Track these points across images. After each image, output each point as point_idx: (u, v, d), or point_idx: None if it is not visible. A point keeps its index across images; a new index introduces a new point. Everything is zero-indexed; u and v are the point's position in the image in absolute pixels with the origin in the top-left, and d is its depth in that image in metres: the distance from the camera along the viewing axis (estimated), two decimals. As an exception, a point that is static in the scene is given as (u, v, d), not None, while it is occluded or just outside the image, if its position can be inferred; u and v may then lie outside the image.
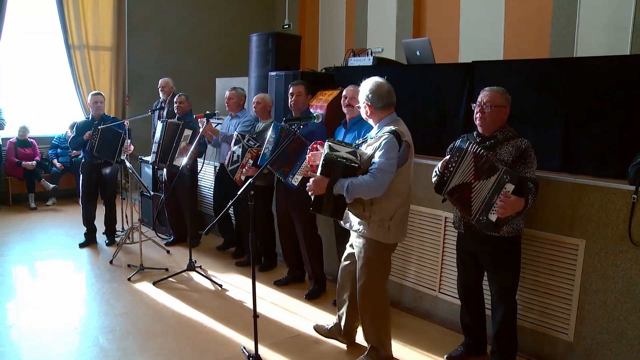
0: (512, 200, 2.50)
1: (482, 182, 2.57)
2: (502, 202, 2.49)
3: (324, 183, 2.65)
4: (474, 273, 2.98)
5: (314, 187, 2.67)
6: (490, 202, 2.55)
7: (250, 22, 8.65)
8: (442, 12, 6.58)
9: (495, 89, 2.77)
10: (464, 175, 2.64)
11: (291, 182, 3.60)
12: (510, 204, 2.49)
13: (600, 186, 2.80)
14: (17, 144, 6.93)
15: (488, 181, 2.56)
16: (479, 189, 2.59)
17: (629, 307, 2.70)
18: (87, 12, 7.36)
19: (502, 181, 2.52)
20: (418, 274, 3.75)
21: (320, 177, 2.66)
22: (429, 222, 3.63)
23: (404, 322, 3.64)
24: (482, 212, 2.58)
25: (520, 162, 2.64)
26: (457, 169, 2.64)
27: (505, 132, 2.75)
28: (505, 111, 2.76)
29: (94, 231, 5.32)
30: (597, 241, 2.81)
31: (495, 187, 2.53)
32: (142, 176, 6.09)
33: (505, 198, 2.49)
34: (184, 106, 5.21)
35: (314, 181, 2.66)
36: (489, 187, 2.56)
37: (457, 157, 2.65)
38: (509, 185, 2.49)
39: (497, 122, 2.75)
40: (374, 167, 2.64)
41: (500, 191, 2.51)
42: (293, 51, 5.29)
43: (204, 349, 3.21)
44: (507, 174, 2.51)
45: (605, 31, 5.00)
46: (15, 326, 3.48)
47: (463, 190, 2.65)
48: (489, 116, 2.74)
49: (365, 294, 2.90)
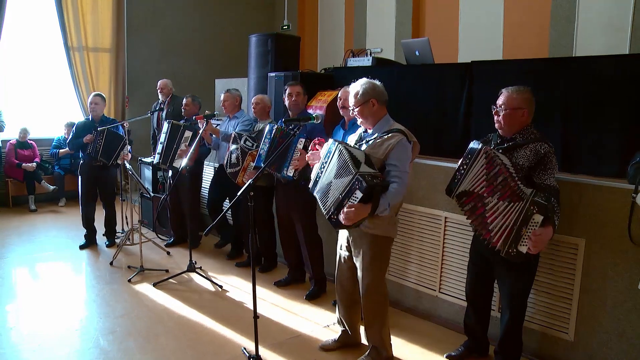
0: (543, 235, 2.43)
1: (502, 203, 2.50)
2: (533, 242, 2.43)
3: (366, 211, 2.57)
4: (485, 276, 2.92)
5: (354, 217, 2.57)
6: (519, 234, 2.48)
7: (249, 23, 8.66)
8: (441, 12, 6.59)
9: (511, 90, 2.67)
10: (475, 180, 2.57)
11: (286, 174, 3.60)
12: (541, 240, 2.43)
13: (600, 185, 2.80)
14: (17, 146, 6.94)
15: (512, 207, 2.48)
16: (496, 209, 2.52)
17: (629, 306, 2.70)
18: (86, 14, 7.37)
19: (529, 212, 2.44)
20: (418, 274, 3.75)
21: (359, 206, 2.54)
22: (429, 222, 3.63)
23: (404, 322, 3.64)
24: (510, 244, 2.50)
25: (539, 168, 2.56)
26: (468, 172, 2.59)
27: (527, 135, 2.63)
28: (522, 113, 2.63)
29: (94, 233, 5.32)
30: (597, 240, 2.81)
31: (523, 218, 2.45)
32: (142, 177, 6.09)
33: (535, 236, 2.43)
34: (190, 109, 5.20)
35: (356, 211, 2.55)
36: (514, 215, 2.47)
37: (469, 160, 2.59)
38: (537, 216, 2.42)
39: (514, 124, 2.65)
40: (396, 171, 2.65)
41: (528, 223, 2.44)
42: (292, 52, 5.29)
43: (205, 350, 3.21)
44: (535, 205, 2.43)
45: (604, 31, 5.00)
46: (15, 328, 3.48)
47: (476, 202, 2.58)
48: (503, 119, 2.65)
49: (372, 291, 2.89)
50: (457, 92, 3.86)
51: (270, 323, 3.60)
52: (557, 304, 2.98)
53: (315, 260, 4.02)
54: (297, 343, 3.33)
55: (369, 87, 2.79)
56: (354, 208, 2.55)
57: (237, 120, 4.69)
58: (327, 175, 2.69)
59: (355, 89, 2.81)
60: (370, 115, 2.80)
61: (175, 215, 5.31)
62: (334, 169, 2.64)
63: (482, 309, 3.03)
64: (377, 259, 2.84)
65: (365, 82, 2.82)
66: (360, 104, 2.78)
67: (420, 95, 4.14)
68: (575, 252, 2.89)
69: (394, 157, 2.67)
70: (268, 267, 4.64)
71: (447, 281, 3.56)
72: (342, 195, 2.59)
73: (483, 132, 3.05)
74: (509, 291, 2.74)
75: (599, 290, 2.81)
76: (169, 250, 5.16)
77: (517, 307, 2.76)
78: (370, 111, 2.78)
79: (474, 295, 3.02)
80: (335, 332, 3.32)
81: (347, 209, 2.56)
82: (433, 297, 3.66)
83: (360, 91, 2.78)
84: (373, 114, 2.79)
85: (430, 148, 3.96)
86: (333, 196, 2.64)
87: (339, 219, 2.62)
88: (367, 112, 2.79)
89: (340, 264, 3.07)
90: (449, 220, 3.50)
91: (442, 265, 3.58)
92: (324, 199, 2.70)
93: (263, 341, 3.14)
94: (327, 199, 2.68)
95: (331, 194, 2.65)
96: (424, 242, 3.69)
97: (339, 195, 2.60)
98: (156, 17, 8.17)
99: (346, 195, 2.57)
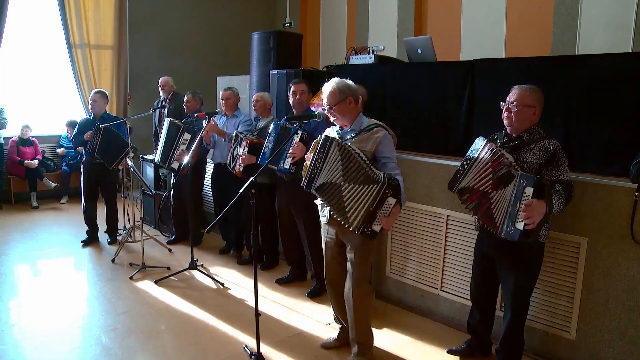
0: (534, 205, 2.40)
1: (501, 191, 2.51)
2: (525, 213, 2.41)
3: (543, 207, 2.43)
4: (489, 276, 2.91)
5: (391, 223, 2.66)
6: (514, 212, 2.47)
7: (251, 21, 8.65)
8: (444, 10, 6.58)
9: (524, 88, 2.66)
10: (478, 177, 2.57)
11: (283, 167, 3.59)
12: (532, 210, 2.40)
13: (602, 184, 2.79)
14: (19, 143, 6.95)
15: (507, 190, 2.49)
16: (499, 200, 2.52)
17: (631, 305, 2.70)
18: (88, 11, 7.38)
19: (520, 187, 2.44)
20: (420, 272, 3.75)
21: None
22: (431, 220, 3.63)
23: (406, 320, 3.64)
24: (507, 222, 2.50)
25: (550, 165, 2.55)
26: (471, 167, 2.60)
27: (533, 134, 2.63)
28: (534, 111, 2.63)
29: (96, 230, 5.33)
30: (599, 239, 2.80)
31: (515, 194, 2.46)
32: (144, 175, 6.10)
33: (526, 207, 2.41)
34: (191, 105, 5.14)
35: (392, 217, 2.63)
36: (508, 196, 2.49)
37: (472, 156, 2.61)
38: (528, 189, 2.42)
39: (524, 122, 2.64)
40: (392, 163, 2.72)
41: (521, 198, 2.43)
42: (294, 49, 5.29)
43: (206, 347, 3.22)
44: (524, 179, 2.44)
45: (607, 29, 4.99)
46: (17, 325, 3.49)
47: (480, 199, 2.58)
48: (515, 115, 2.63)
49: (362, 284, 2.88)
50: (459, 90, 3.86)
51: (272, 321, 3.60)
52: (559, 303, 2.98)
53: (317, 258, 4.00)
54: (299, 341, 3.33)
55: (344, 86, 2.81)
56: (533, 207, 2.41)
57: (237, 120, 4.69)
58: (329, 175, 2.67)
59: (331, 87, 2.82)
60: (348, 112, 2.81)
61: (177, 212, 5.31)
62: (338, 168, 2.63)
63: (486, 309, 3.03)
64: (368, 251, 2.87)
65: (340, 81, 2.83)
66: (338, 102, 2.79)
67: (422, 93, 4.13)
68: (577, 251, 2.88)
69: (386, 150, 2.74)
70: (270, 265, 4.64)
71: (449, 279, 3.56)
72: (373, 205, 2.59)
73: (485, 130, 3.04)
74: (511, 290, 2.73)
75: (601, 289, 2.81)
76: (171, 247, 5.17)
77: (519, 306, 2.75)
78: (347, 108, 2.80)
79: (479, 295, 3.02)
80: (336, 329, 3.31)
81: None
82: (435, 295, 3.66)
83: (337, 90, 2.79)
84: (350, 111, 2.82)
85: (432, 146, 3.96)
86: (356, 206, 2.61)
87: (374, 230, 2.63)
88: (345, 109, 2.80)
89: (329, 262, 3.06)
90: (450, 219, 3.50)
91: (444, 263, 3.57)
92: (341, 209, 2.65)
93: (264, 339, 3.15)
94: (348, 209, 2.63)
95: (352, 203, 2.62)
96: (425, 240, 3.69)
97: (366, 204, 2.60)
98: (158, 14, 8.17)
99: (378, 205, 2.59)
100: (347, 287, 2.94)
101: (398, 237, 3.87)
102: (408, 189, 3.69)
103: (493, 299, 3.02)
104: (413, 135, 4.10)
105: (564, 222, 2.91)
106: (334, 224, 2.88)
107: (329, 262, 3.05)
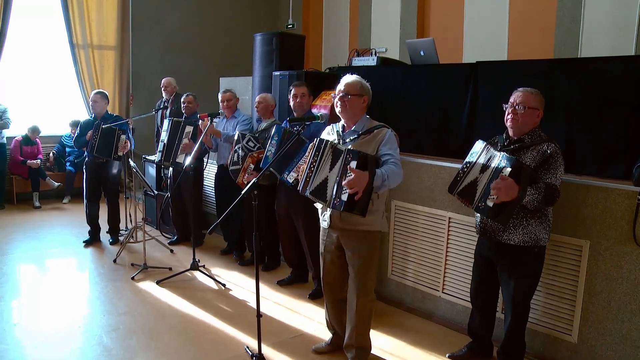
0: (507, 183, 2.38)
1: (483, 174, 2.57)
2: (495, 190, 2.41)
3: (365, 177, 2.48)
4: (489, 279, 2.91)
5: (358, 182, 2.47)
6: (488, 189, 2.49)
7: (254, 22, 8.67)
8: (446, 12, 6.58)
9: (529, 90, 2.67)
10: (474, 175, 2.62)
11: (286, 179, 3.58)
12: (504, 186, 2.38)
13: (605, 187, 2.79)
14: (22, 142, 6.96)
15: (488, 170, 2.54)
16: (481, 181, 2.58)
17: (634, 308, 2.69)
18: (91, 12, 7.40)
19: (499, 168, 2.47)
20: (421, 274, 3.74)
21: (358, 171, 2.48)
22: (433, 222, 3.63)
23: (407, 322, 3.64)
24: (480, 199, 2.55)
25: (542, 167, 2.55)
26: (470, 170, 2.62)
27: (534, 137, 2.64)
28: (538, 114, 2.65)
29: (98, 230, 5.34)
30: (602, 242, 2.80)
31: (493, 174, 2.50)
32: (146, 175, 6.11)
33: (498, 182, 2.41)
34: (192, 106, 5.20)
35: (357, 176, 2.47)
36: (488, 175, 2.53)
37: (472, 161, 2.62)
38: (506, 170, 2.43)
39: (528, 124, 2.65)
40: (392, 158, 2.68)
41: (497, 177, 2.45)
42: (297, 51, 5.29)
43: (207, 348, 3.22)
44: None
45: (610, 31, 4.99)
46: (19, 324, 3.50)
47: (471, 187, 2.63)
48: (521, 117, 2.64)
49: (369, 294, 2.89)
50: (462, 93, 3.86)
51: (273, 322, 3.60)
52: (560, 306, 2.97)
53: (317, 260, 4.00)
54: (300, 342, 3.33)
55: (366, 85, 2.85)
56: (353, 174, 2.47)
57: (235, 120, 4.71)
58: (321, 173, 2.69)
59: (356, 78, 2.83)
60: (357, 109, 2.81)
61: (178, 213, 5.32)
62: (327, 163, 2.66)
63: (486, 312, 3.02)
64: (372, 254, 2.86)
65: (363, 80, 2.85)
66: (356, 94, 2.78)
67: (425, 95, 4.13)
68: (579, 254, 2.88)
69: (387, 147, 2.72)
70: (271, 266, 4.64)
71: (450, 281, 3.55)
72: (339, 178, 2.59)
73: (487, 132, 3.04)
74: (512, 294, 2.73)
75: (603, 292, 2.80)
76: (173, 248, 5.17)
77: (520, 310, 2.75)
78: (359, 106, 2.81)
79: (479, 298, 3.01)
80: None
81: (347, 178, 2.50)
82: (436, 298, 3.65)
83: (360, 84, 2.82)
84: (359, 109, 2.82)
85: (434, 148, 3.96)
86: (331, 186, 2.63)
87: (342, 199, 2.57)
88: (356, 105, 2.80)
89: (328, 266, 3.03)
90: (452, 221, 3.49)
91: (446, 265, 3.57)
92: (321, 193, 2.67)
93: (266, 340, 3.14)
94: (326, 191, 2.65)
95: (329, 185, 2.64)
96: (427, 242, 3.68)
97: (335, 178, 2.61)
98: (161, 15, 8.18)
99: (343, 173, 2.57)
100: (351, 295, 2.94)
101: (399, 239, 3.86)
102: (410, 191, 3.71)
103: (493, 302, 3.02)
104: (415, 137, 4.11)
105: (566, 225, 2.91)
106: (336, 229, 2.87)
107: (329, 267, 3.04)
